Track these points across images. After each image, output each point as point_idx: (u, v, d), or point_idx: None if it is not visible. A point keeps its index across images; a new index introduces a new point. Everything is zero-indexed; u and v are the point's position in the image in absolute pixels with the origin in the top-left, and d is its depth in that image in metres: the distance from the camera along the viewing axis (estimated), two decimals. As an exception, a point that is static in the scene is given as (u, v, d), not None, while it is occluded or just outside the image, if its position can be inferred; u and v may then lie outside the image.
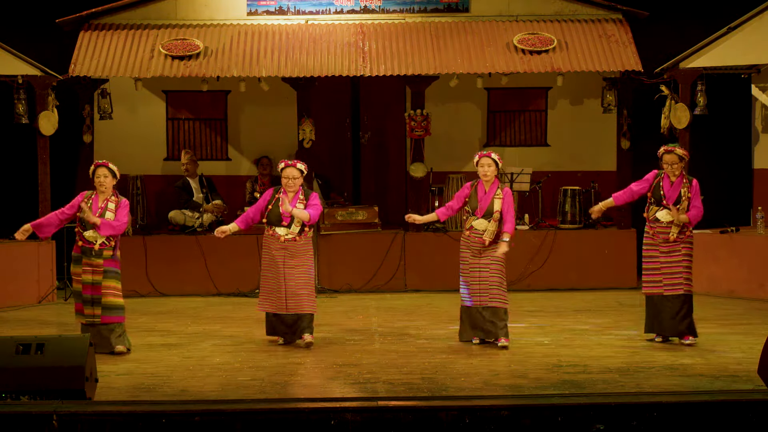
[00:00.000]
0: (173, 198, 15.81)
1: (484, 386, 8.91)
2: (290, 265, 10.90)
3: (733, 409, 7.55)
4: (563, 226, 15.44)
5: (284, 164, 11.05)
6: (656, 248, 10.97)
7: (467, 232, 10.94)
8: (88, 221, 10.52)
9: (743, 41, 14.26)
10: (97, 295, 10.54)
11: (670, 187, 10.87)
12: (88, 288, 10.56)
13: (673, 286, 10.89)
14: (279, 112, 16.41)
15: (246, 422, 7.46)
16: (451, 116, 16.52)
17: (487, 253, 10.85)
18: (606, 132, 16.18)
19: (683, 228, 10.87)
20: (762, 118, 15.29)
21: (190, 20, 15.72)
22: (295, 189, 10.97)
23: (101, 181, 10.67)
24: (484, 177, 10.91)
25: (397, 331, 11.88)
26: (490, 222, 10.82)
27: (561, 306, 13.66)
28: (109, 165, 10.74)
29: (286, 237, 10.93)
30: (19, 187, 16.16)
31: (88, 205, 10.61)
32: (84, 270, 10.59)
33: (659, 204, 10.90)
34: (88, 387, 8.03)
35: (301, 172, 11.00)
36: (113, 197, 10.70)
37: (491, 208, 10.81)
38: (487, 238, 10.81)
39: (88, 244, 10.62)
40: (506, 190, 10.92)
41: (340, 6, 15.73)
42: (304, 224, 10.93)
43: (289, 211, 10.78)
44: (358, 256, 15.06)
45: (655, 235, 10.95)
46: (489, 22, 15.69)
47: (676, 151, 10.90)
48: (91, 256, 10.59)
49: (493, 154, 10.91)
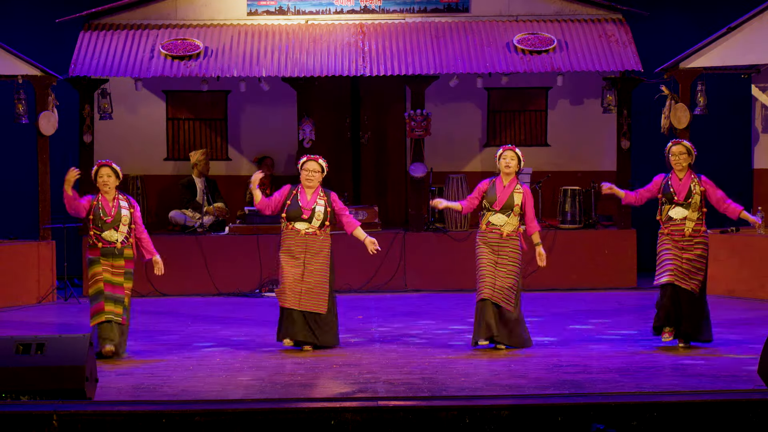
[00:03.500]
0: (177, 196, 15.81)
1: (484, 386, 8.91)
2: (310, 261, 10.80)
3: (733, 409, 7.55)
4: (563, 226, 15.44)
5: (306, 158, 10.96)
6: (670, 243, 10.81)
7: (484, 227, 10.80)
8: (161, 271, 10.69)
9: (743, 41, 14.26)
10: (119, 295, 10.49)
11: (678, 183, 10.85)
12: (109, 287, 10.47)
13: (683, 280, 10.77)
14: (279, 112, 16.41)
15: (246, 422, 7.47)
16: (451, 116, 16.52)
17: (504, 251, 10.73)
18: (606, 132, 16.18)
19: (696, 225, 10.80)
20: (762, 118, 15.29)
21: (190, 20, 15.72)
22: (314, 185, 10.85)
23: (105, 181, 10.60)
24: (506, 169, 10.78)
25: (397, 331, 11.88)
26: (509, 216, 10.72)
27: (561, 306, 13.66)
28: (112, 164, 10.69)
29: (307, 231, 10.83)
30: (19, 187, 16.17)
31: (100, 206, 10.55)
32: (104, 270, 10.50)
33: (671, 202, 10.85)
34: (88, 387, 8.04)
35: (322, 168, 10.91)
36: (120, 196, 10.66)
37: (510, 202, 10.70)
38: (505, 231, 10.71)
39: (110, 245, 10.53)
40: (526, 187, 10.86)
41: (340, 6, 15.74)
42: (326, 219, 10.84)
43: (372, 244, 10.79)
44: (358, 256, 15.02)
45: (671, 233, 10.86)
46: (489, 22, 15.69)
47: (683, 143, 10.93)
48: (114, 257, 10.51)
49: (516, 149, 10.85)
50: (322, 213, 10.78)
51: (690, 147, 10.93)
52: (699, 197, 10.80)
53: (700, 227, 10.82)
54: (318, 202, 10.79)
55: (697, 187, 10.80)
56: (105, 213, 10.51)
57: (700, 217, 10.82)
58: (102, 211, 10.51)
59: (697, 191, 10.79)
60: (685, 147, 10.91)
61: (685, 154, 10.87)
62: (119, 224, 10.52)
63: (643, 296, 14.54)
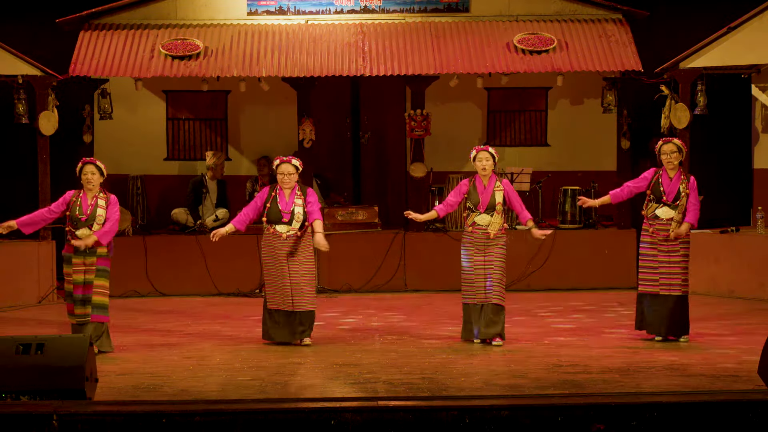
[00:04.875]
0: (183, 194, 15.82)
1: (484, 386, 8.90)
2: (293, 261, 10.90)
3: (733, 409, 7.55)
4: (563, 226, 15.44)
5: (279, 160, 11.08)
6: (654, 247, 10.97)
7: (470, 228, 10.93)
8: (86, 246, 10.49)
9: (743, 41, 14.25)
10: (88, 294, 10.54)
11: (669, 183, 10.87)
12: (79, 288, 10.54)
13: (670, 287, 10.89)
14: (279, 112, 16.41)
15: (246, 422, 7.47)
16: (451, 116, 16.52)
17: (491, 250, 10.85)
18: (606, 132, 16.18)
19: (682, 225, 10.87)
20: (762, 118, 15.28)
21: (190, 20, 15.72)
22: (291, 185, 10.99)
23: (89, 179, 10.67)
24: (482, 171, 10.92)
25: (397, 331, 11.88)
26: (493, 215, 10.84)
27: (561, 306, 13.66)
28: (97, 162, 10.76)
29: (288, 234, 10.94)
30: (19, 187, 16.16)
31: (78, 203, 10.58)
32: (75, 270, 10.55)
33: (659, 201, 10.90)
34: (88, 387, 8.03)
35: (297, 168, 11.00)
36: (101, 194, 10.69)
37: (493, 201, 10.83)
38: (492, 231, 10.81)
39: None
40: (505, 181, 10.96)
41: (340, 6, 15.74)
42: (305, 221, 10.95)
43: (319, 244, 10.77)
44: (358, 256, 15.06)
45: (655, 232, 10.95)
46: (489, 22, 15.69)
47: (674, 141, 10.95)
48: (86, 255, 10.58)
49: (490, 148, 10.93)
50: (301, 214, 10.93)
51: (681, 144, 10.95)
52: (686, 200, 10.84)
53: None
54: (296, 203, 10.92)
55: (686, 189, 10.84)
56: (81, 211, 10.62)
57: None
58: (78, 209, 10.63)
59: (685, 193, 10.83)
60: (676, 145, 10.92)
61: (676, 153, 10.89)
62: (93, 223, 10.60)
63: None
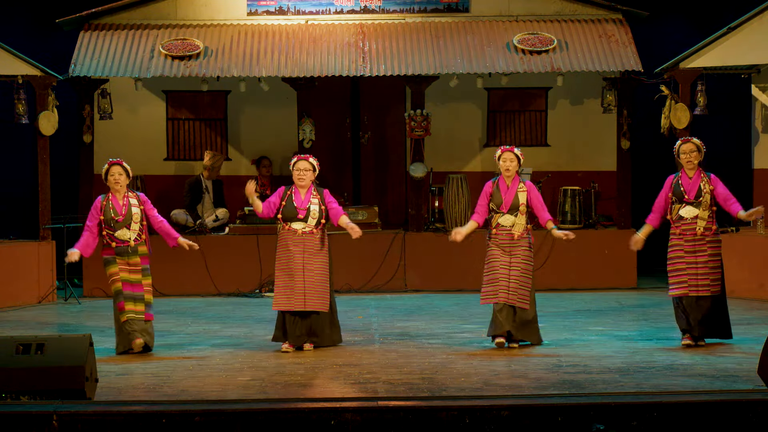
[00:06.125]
0: (181, 195, 15.82)
1: (484, 386, 8.90)
2: (309, 260, 10.81)
3: (733, 409, 7.55)
4: (563, 227, 15.39)
5: (296, 158, 10.98)
6: (681, 248, 10.80)
7: (494, 230, 10.82)
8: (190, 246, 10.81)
9: (743, 41, 14.26)
10: (139, 293, 10.59)
11: (689, 182, 10.81)
12: (128, 285, 10.58)
13: (698, 287, 10.73)
14: (279, 112, 16.42)
15: (246, 422, 7.47)
16: (451, 116, 16.53)
17: (516, 251, 10.75)
18: (606, 132, 16.18)
19: (708, 223, 10.77)
20: (762, 118, 15.29)
21: (190, 20, 15.72)
22: (306, 184, 10.86)
23: (116, 179, 10.68)
24: (506, 172, 10.82)
25: (397, 331, 11.88)
26: (516, 216, 10.75)
27: (561, 306, 13.66)
28: (123, 163, 10.78)
29: (304, 230, 10.84)
30: (19, 187, 16.17)
31: (110, 206, 10.62)
32: (121, 269, 10.60)
33: (681, 201, 10.81)
34: (88, 387, 8.03)
35: (313, 167, 10.92)
36: (130, 194, 10.73)
37: (516, 202, 10.74)
38: (516, 232, 10.74)
39: (123, 243, 10.61)
40: (529, 183, 10.87)
41: (340, 6, 15.74)
42: (321, 217, 10.86)
43: (354, 229, 10.71)
44: (358, 256, 15.04)
45: (682, 233, 10.81)
46: (489, 22, 15.70)
47: (693, 140, 10.90)
48: (129, 255, 10.60)
49: (515, 149, 10.85)
50: (317, 211, 10.81)
51: (700, 144, 10.90)
52: (709, 196, 10.76)
53: (711, 225, 10.78)
54: (312, 201, 10.82)
55: (707, 186, 10.77)
56: (116, 212, 10.61)
57: (710, 215, 10.77)
58: (113, 211, 10.61)
59: (707, 190, 10.75)
60: (695, 144, 10.87)
61: (695, 152, 10.83)
62: (131, 222, 10.62)
63: (643, 296, 14.56)
